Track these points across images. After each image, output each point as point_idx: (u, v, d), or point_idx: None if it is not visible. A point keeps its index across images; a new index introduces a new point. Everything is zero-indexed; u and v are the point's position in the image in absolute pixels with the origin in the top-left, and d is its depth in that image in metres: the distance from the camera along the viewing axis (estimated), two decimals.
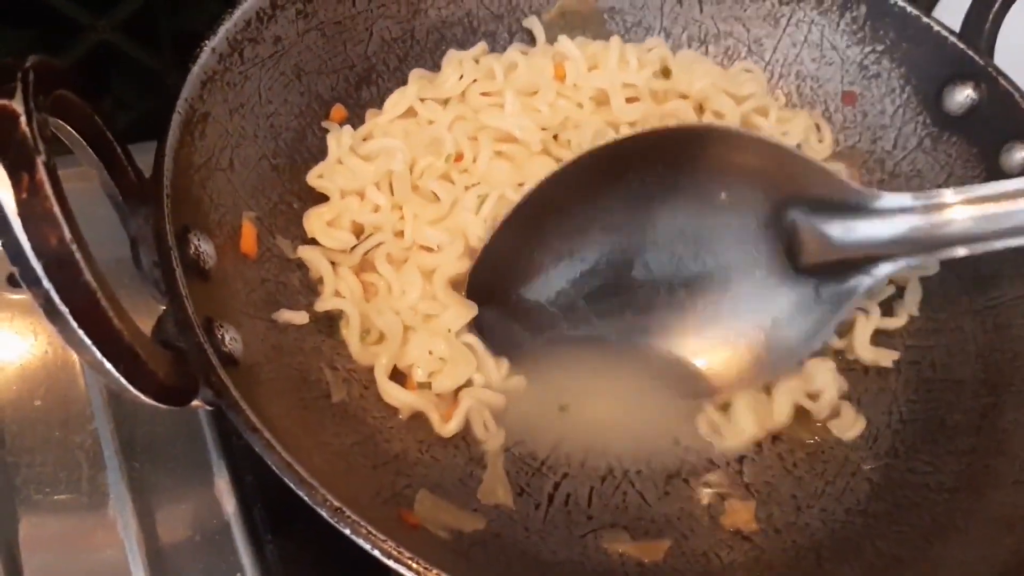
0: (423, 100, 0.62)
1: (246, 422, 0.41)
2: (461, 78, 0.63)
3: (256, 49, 0.55)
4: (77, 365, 0.56)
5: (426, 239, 0.57)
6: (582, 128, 0.61)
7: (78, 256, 0.35)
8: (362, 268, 0.57)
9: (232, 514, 0.53)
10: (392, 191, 0.58)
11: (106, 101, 0.44)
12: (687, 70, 0.66)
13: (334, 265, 0.56)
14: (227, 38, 0.53)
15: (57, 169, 0.35)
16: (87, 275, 0.35)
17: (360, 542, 0.40)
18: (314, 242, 0.56)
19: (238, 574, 0.51)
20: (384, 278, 0.56)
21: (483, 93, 0.62)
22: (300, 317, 0.53)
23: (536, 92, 0.62)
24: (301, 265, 0.56)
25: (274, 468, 0.41)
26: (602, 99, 0.63)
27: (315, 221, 0.57)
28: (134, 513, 0.52)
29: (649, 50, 0.67)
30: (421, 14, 0.64)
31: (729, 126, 0.62)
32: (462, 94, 0.63)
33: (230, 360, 0.45)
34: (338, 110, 0.61)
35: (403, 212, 0.58)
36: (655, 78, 0.65)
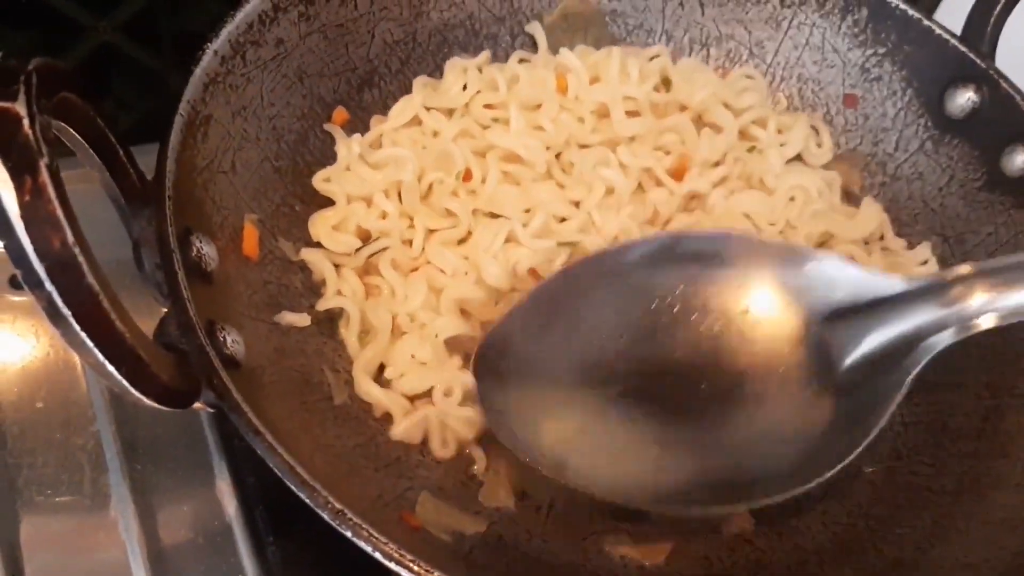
0: (428, 109, 0.62)
1: (248, 424, 0.41)
2: (465, 88, 0.63)
3: (258, 51, 0.55)
4: (79, 367, 0.56)
5: (441, 262, 0.56)
6: (585, 154, 0.61)
7: (81, 259, 0.35)
8: (366, 271, 0.57)
9: (233, 516, 0.53)
10: (400, 200, 0.58)
11: (107, 102, 0.43)
12: (688, 80, 0.66)
13: (337, 267, 0.56)
14: (229, 40, 0.53)
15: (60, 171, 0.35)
16: (89, 278, 0.35)
17: (362, 544, 0.40)
18: (318, 245, 0.56)
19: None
20: (388, 282, 0.56)
21: (486, 105, 0.62)
22: (302, 319, 0.53)
23: (539, 105, 0.63)
24: (303, 267, 0.56)
25: (276, 470, 0.41)
26: (604, 112, 0.63)
27: (320, 225, 0.57)
28: (136, 515, 0.52)
29: (650, 59, 0.67)
30: (423, 17, 0.64)
31: (746, 234, 0.59)
32: (466, 105, 0.63)
33: (232, 362, 0.45)
34: (340, 112, 0.61)
35: (413, 222, 0.58)
36: (655, 91, 0.65)
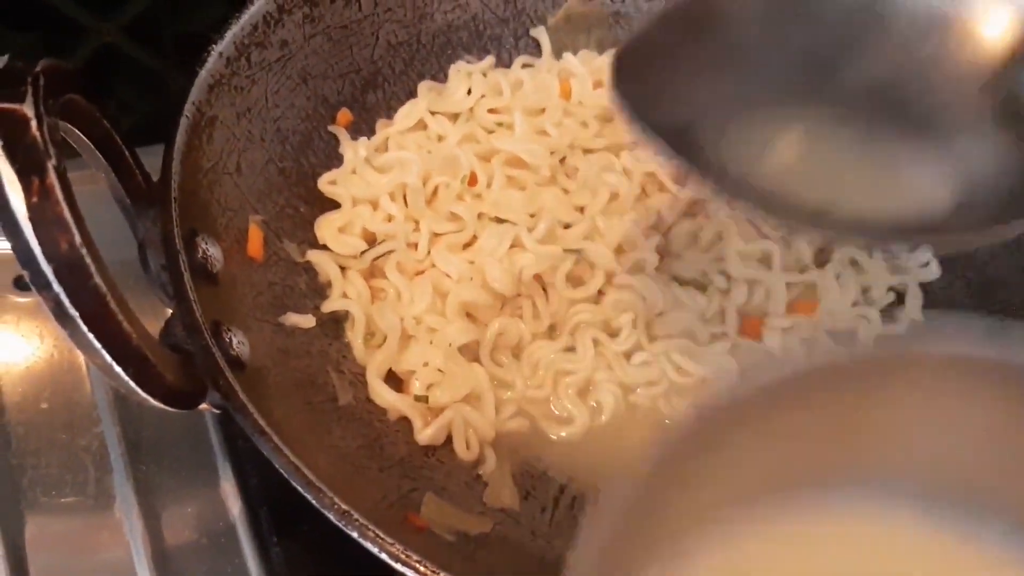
0: (433, 113, 0.62)
1: (253, 425, 0.42)
2: (469, 92, 0.63)
3: (263, 53, 0.55)
4: (83, 368, 0.56)
5: (447, 267, 0.56)
6: (589, 159, 0.61)
7: (88, 260, 0.35)
8: (371, 274, 0.57)
9: (237, 516, 0.53)
10: (406, 203, 0.58)
11: (108, 103, 0.44)
12: None
13: (343, 269, 0.56)
14: (234, 42, 0.53)
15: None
16: (97, 279, 0.36)
17: (367, 545, 0.40)
18: (323, 247, 0.57)
19: None
20: (393, 285, 0.56)
21: (490, 110, 0.62)
22: (307, 320, 0.53)
23: (543, 110, 0.63)
24: (307, 269, 0.56)
25: (281, 471, 0.41)
26: (607, 116, 0.63)
27: (326, 228, 0.57)
28: (140, 515, 0.52)
29: None
30: (427, 18, 0.64)
31: None
32: (470, 110, 0.63)
33: (237, 363, 0.45)
34: (344, 114, 0.61)
35: (419, 226, 0.58)
36: None
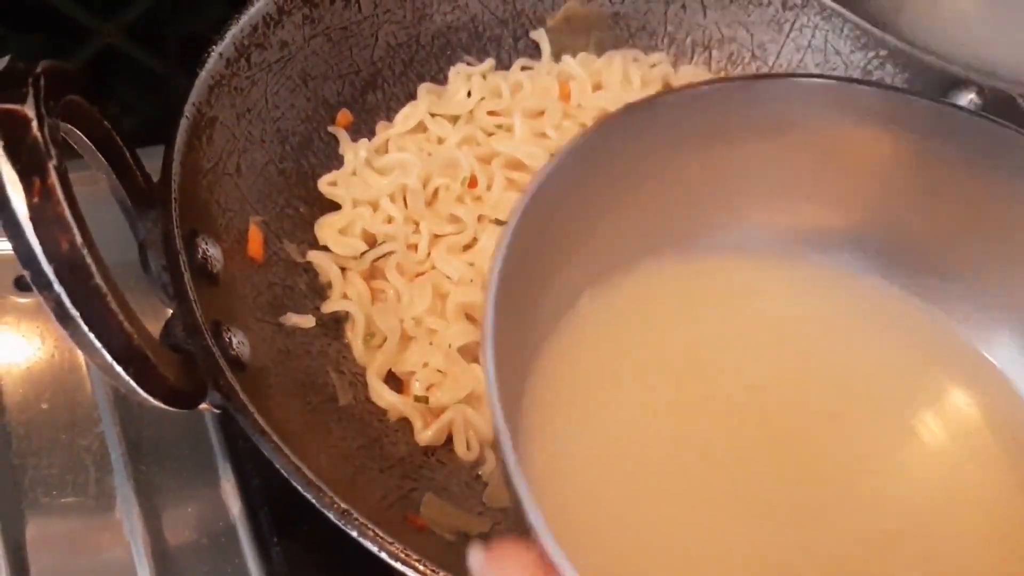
0: (433, 116, 0.62)
1: (254, 425, 0.42)
2: (469, 95, 0.63)
3: (263, 54, 0.55)
4: (84, 368, 0.56)
5: (447, 269, 0.56)
6: None
7: (89, 260, 0.35)
8: (371, 275, 0.57)
9: (238, 516, 0.53)
10: (406, 204, 0.58)
11: (109, 104, 0.44)
12: None
13: (343, 270, 0.56)
14: (234, 43, 0.53)
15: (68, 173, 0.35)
16: (98, 279, 0.36)
17: (367, 544, 0.40)
18: (322, 248, 0.57)
19: None
20: (393, 286, 0.56)
21: (490, 112, 0.63)
22: (307, 321, 0.53)
23: (542, 112, 0.63)
24: (307, 269, 0.56)
25: (282, 471, 0.41)
26: None
27: (327, 229, 0.57)
28: (140, 515, 0.52)
29: (652, 66, 0.67)
30: (427, 20, 0.64)
31: None
32: (470, 112, 0.63)
33: (238, 363, 0.45)
34: (344, 115, 0.61)
35: (419, 227, 0.58)
36: None
